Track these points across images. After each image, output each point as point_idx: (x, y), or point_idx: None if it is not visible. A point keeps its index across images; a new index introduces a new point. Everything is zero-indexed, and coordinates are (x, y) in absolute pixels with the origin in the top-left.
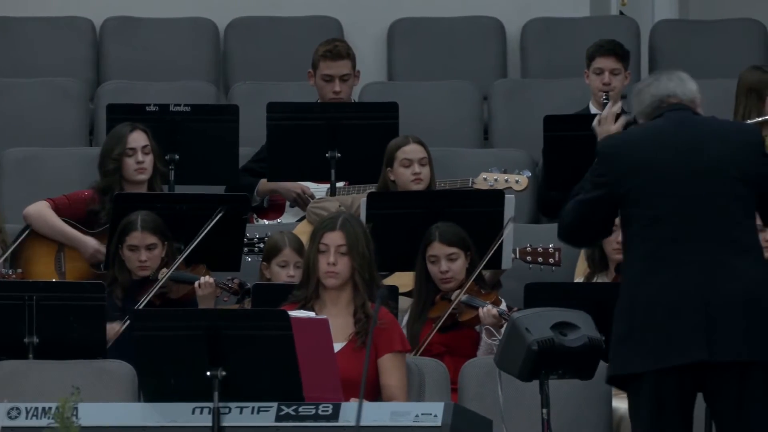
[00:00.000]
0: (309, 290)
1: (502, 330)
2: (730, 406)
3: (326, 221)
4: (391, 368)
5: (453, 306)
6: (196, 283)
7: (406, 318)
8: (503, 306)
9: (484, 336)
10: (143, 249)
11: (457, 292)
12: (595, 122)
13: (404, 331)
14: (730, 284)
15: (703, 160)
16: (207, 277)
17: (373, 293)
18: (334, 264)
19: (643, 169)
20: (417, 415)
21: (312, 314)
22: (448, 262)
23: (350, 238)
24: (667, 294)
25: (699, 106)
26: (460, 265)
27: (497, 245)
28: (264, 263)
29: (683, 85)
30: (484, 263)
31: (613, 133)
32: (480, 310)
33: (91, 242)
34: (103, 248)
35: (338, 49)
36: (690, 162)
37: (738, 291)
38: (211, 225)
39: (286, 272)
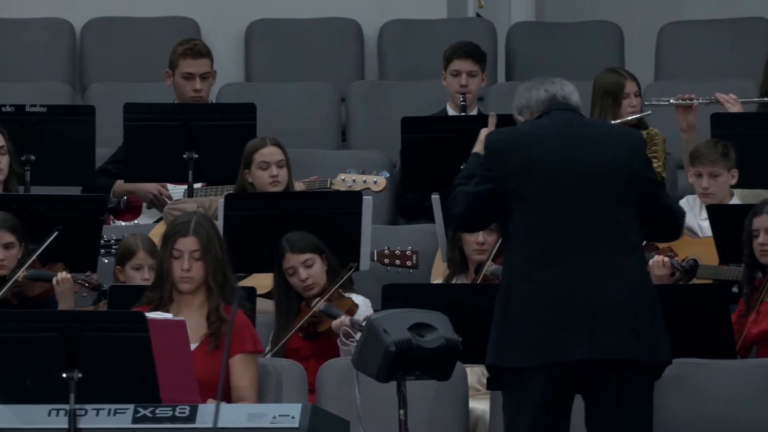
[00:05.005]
0: (163, 292)
1: (358, 335)
2: (609, 404)
3: (179, 225)
4: (242, 369)
5: (310, 314)
6: (54, 280)
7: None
8: (359, 311)
9: (339, 341)
10: (0, 248)
11: (317, 300)
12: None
13: (270, 343)
14: (614, 284)
15: (590, 161)
16: (64, 273)
17: (227, 294)
18: (189, 270)
19: (530, 168)
20: (274, 417)
21: (169, 315)
22: (305, 269)
23: (203, 243)
24: (552, 292)
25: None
26: (318, 269)
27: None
28: (118, 267)
29: (574, 94)
30: (348, 274)
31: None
32: (334, 321)
33: None
34: None
35: (198, 48)
36: (577, 162)
37: (622, 290)
38: (49, 242)
39: (140, 275)
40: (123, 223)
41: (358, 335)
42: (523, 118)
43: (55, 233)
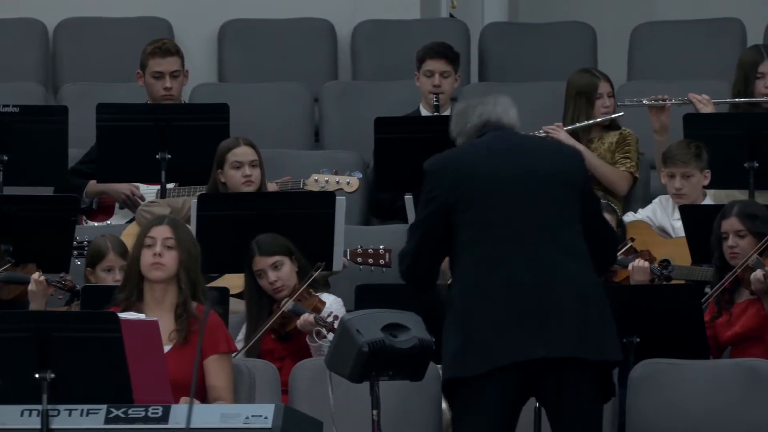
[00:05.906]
0: (132, 290)
1: (323, 333)
2: (563, 404)
3: (153, 219)
4: (217, 369)
5: (277, 315)
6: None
7: (244, 328)
8: (325, 309)
9: (308, 339)
10: None
11: (285, 300)
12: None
13: (242, 344)
14: (563, 284)
15: (533, 164)
16: (38, 274)
17: (197, 295)
18: (161, 255)
19: (473, 176)
20: (247, 417)
21: (142, 316)
22: (274, 271)
23: (178, 234)
24: (502, 294)
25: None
26: (287, 271)
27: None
28: (89, 269)
29: (508, 112)
30: (316, 273)
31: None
32: (298, 319)
33: None
34: None
35: (167, 46)
36: (522, 167)
37: (570, 294)
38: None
39: (111, 277)
40: (95, 224)
41: (327, 333)
42: (460, 141)
43: (8, 264)
